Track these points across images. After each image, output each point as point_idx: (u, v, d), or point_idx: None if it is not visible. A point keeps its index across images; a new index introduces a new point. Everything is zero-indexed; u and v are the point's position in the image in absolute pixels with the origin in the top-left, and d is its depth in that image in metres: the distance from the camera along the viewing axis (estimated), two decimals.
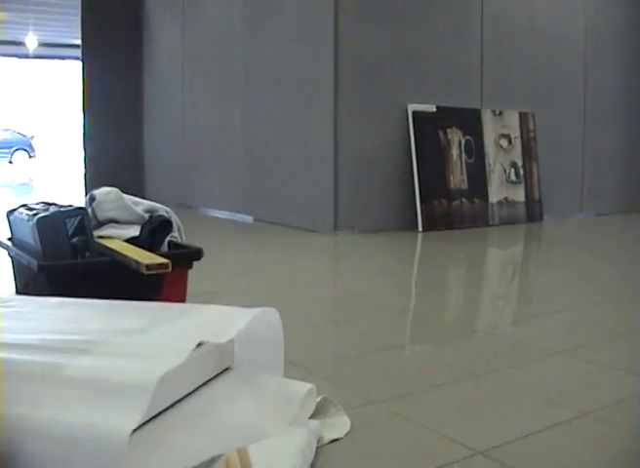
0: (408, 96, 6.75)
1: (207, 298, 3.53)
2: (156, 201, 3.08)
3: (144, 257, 2.34)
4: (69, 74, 18.91)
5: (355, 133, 6.47)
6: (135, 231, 2.87)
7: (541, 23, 7.87)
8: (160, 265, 2.27)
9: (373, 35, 6.52)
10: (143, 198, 9.98)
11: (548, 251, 6.23)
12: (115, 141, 10.26)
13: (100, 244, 2.70)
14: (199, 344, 1.34)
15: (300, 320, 3.36)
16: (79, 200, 9.22)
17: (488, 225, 7.13)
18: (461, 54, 7.18)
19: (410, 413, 2.16)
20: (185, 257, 2.78)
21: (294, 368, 1.90)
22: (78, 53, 10.85)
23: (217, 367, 1.38)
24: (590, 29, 8.37)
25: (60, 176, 16.36)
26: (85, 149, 10.29)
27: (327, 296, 4.13)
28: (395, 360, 2.76)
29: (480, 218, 7.11)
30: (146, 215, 2.95)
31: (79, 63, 10.44)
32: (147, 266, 2.24)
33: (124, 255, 2.42)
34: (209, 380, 1.35)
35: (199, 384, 1.31)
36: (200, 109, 8.86)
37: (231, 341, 1.43)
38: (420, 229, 6.58)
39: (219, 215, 8.21)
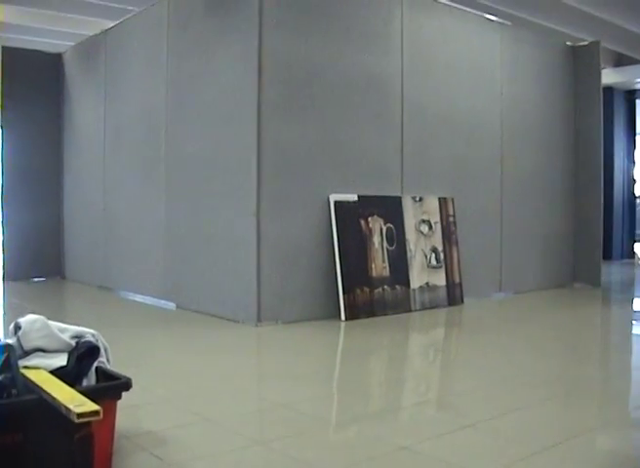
0: (329, 185, 6.86)
1: (130, 412, 3.49)
2: (77, 281, 3.06)
3: (75, 402, 2.31)
4: None
5: (278, 222, 6.52)
6: (62, 360, 2.84)
7: (460, 111, 8.16)
8: (91, 413, 2.24)
9: (294, 126, 6.63)
10: (63, 278, 9.72)
11: (470, 338, 6.32)
12: (34, 215, 10.09)
13: (26, 377, 2.66)
14: None
15: (226, 440, 3.34)
16: None
17: (410, 311, 7.24)
18: (382, 142, 7.36)
19: None
20: (115, 390, 2.76)
21: None
22: None
23: None
24: (507, 116, 8.69)
25: None
26: (2, 222, 10.06)
27: (252, 408, 4.08)
28: None
29: (402, 305, 7.21)
30: (73, 342, 2.94)
31: None
32: (79, 415, 2.21)
33: (54, 398, 2.39)
34: None
35: None
36: (122, 189, 8.77)
37: None
38: (343, 318, 6.63)
39: (140, 300, 8.07)
